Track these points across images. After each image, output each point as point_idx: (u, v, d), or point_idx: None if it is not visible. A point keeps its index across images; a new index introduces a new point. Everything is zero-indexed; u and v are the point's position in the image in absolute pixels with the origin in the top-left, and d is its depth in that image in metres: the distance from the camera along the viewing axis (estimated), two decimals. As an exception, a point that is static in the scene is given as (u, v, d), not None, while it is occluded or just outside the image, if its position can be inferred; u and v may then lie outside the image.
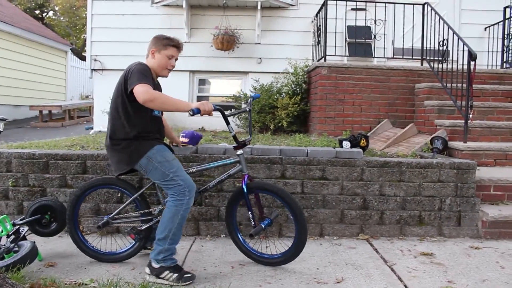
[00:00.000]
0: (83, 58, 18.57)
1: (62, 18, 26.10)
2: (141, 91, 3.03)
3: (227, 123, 3.36)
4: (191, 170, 3.51)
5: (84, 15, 20.81)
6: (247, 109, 3.63)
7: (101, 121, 7.79)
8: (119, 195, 4.24)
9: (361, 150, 4.44)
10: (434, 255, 3.83)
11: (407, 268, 3.51)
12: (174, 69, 3.51)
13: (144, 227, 3.47)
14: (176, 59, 3.45)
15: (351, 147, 4.60)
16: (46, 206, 3.66)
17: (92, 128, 8.21)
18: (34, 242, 3.34)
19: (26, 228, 3.60)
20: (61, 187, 4.28)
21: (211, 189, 3.62)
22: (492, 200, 4.59)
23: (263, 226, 3.41)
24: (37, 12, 24.52)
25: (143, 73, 3.16)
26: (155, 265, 3.16)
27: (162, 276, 3.13)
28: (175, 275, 3.12)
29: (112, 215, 3.54)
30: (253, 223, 3.46)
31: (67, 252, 3.70)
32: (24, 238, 3.49)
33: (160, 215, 3.43)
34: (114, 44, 7.84)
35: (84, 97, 17.18)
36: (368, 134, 5.81)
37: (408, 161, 4.38)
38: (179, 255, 3.65)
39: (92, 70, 7.97)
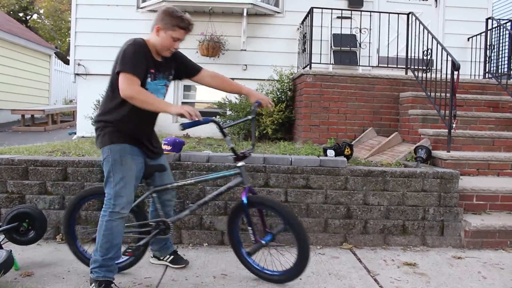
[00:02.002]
0: (67, 62, 18.35)
1: (46, 21, 25.85)
2: (124, 84, 2.82)
3: (224, 135, 3.22)
4: (188, 182, 3.36)
5: (69, 18, 20.64)
6: (250, 117, 3.41)
7: (84, 126, 7.70)
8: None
9: (345, 159, 4.43)
10: (417, 265, 3.82)
11: (390, 278, 3.49)
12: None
13: (142, 242, 3.32)
14: (181, 42, 3.14)
15: (336, 155, 4.59)
16: (24, 213, 3.57)
17: (75, 133, 8.11)
18: (11, 250, 3.25)
19: (2, 236, 3.52)
20: (41, 194, 4.19)
21: (210, 201, 3.42)
22: (475, 209, 4.61)
23: (264, 242, 3.24)
24: (21, 14, 24.27)
25: (134, 58, 2.89)
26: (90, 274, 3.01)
27: (90, 287, 2.98)
28: None
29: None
30: (253, 239, 3.27)
31: (45, 261, 3.61)
32: (0, 246, 3.40)
33: (158, 228, 3.32)
34: (99, 49, 7.76)
35: (68, 101, 16.99)
36: (352, 143, 5.82)
37: (392, 170, 4.38)
38: (160, 265, 3.60)
39: (76, 74, 7.89)
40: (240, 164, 3.26)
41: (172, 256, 3.59)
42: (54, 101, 15.98)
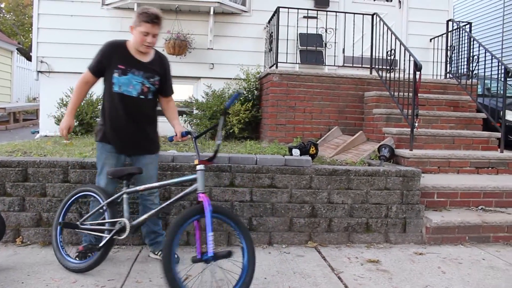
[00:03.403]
0: (30, 59, 17.87)
1: (8, 16, 25.06)
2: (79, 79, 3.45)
3: (196, 146, 3.29)
4: (152, 186, 3.36)
5: (32, 14, 20.12)
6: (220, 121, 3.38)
7: (47, 125, 7.50)
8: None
9: (309, 158, 4.47)
10: (380, 262, 3.90)
11: (354, 276, 3.56)
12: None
13: (101, 244, 3.31)
14: (155, 36, 3.31)
15: (301, 154, 4.63)
16: (-19, 216, 3.46)
17: (38, 132, 7.91)
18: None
19: (-42, 240, 3.40)
20: (0, 195, 4.07)
21: (167, 207, 3.34)
22: (436, 206, 4.74)
23: (207, 257, 2.88)
24: (-19, 9, 23.45)
25: (95, 56, 3.38)
26: None
27: None
28: None
29: (81, 220, 3.52)
30: (197, 251, 2.92)
31: (2, 265, 3.50)
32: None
33: (115, 228, 3.31)
34: (62, 46, 7.59)
35: (31, 99, 16.54)
36: (318, 141, 5.89)
37: (356, 169, 4.45)
38: (124, 266, 3.55)
39: (39, 72, 7.68)
40: (198, 168, 3.15)
41: None
42: (17, 99, 15.54)
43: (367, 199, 4.43)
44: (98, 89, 7.01)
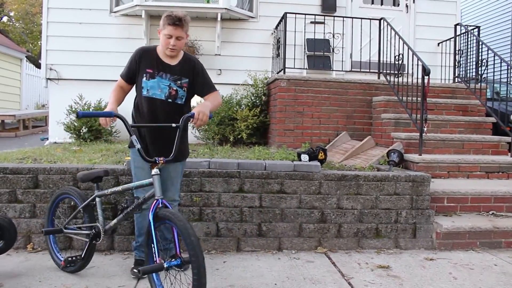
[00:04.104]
0: (39, 66, 18.02)
1: (17, 24, 25.31)
2: None
3: (130, 134, 3.03)
4: (116, 190, 3.37)
5: (41, 21, 20.30)
6: (174, 125, 3.11)
7: (56, 132, 7.54)
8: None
9: (319, 164, 4.46)
10: (391, 267, 3.88)
11: (364, 281, 3.54)
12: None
13: (83, 255, 3.41)
14: (179, 38, 3.25)
15: (310, 160, 4.63)
16: (-7, 223, 3.48)
17: (47, 139, 7.95)
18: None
19: (-30, 247, 3.42)
20: (11, 202, 4.10)
21: (132, 212, 3.22)
22: (446, 211, 4.71)
23: (166, 265, 2.72)
24: (-10, 17, 23.71)
25: (128, 62, 3.41)
26: None
27: None
28: None
29: (64, 224, 3.61)
30: (155, 258, 2.78)
31: (15, 271, 3.52)
32: (-32, 258, 3.32)
33: (91, 233, 3.37)
34: (71, 53, 7.64)
35: (40, 106, 16.67)
36: (326, 147, 5.88)
37: (365, 174, 4.44)
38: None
39: (48, 79, 7.74)
40: (153, 172, 2.96)
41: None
42: (26, 106, 15.66)
43: (377, 205, 4.41)
44: (106, 96, 7.07)
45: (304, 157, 4.63)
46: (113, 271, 3.57)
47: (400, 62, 6.18)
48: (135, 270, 3.44)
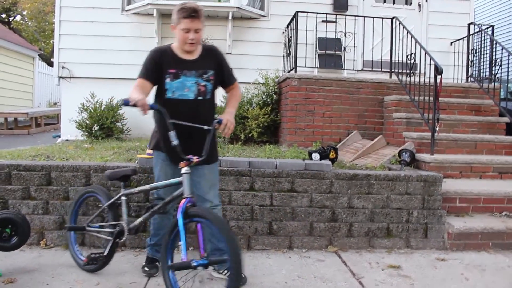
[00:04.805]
0: (52, 64, 18.15)
1: (30, 23, 25.56)
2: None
3: (169, 129, 2.98)
4: (143, 188, 3.37)
5: (53, 20, 20.42)
6: (206, 128, 3.13)
7: (68, 130, 7.59)
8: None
9: (330, 163, 4.45)
10: (402, 267, 3.86)
11: (375, 281, 3.52)
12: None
13: (106, 253, 3.39)
14: (197, 31, 3.08)
15: (321, 159, 4.62)
16: (7, 219, 3.51)
17: (59, 137, 8.01)
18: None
19: (-16, 243, 3.46)
20: (24, 199, 4.15)
21: (158, 211, 3.25)
22: (458, 212, 4.67)
23: (194, 264, 2.72)
24: (3, 16, 23.95)
25: (143, 64, 3.19)
26: None
27: None
28: None
29: (87, 222, 3.61)
30: (182, 256, 2.80)
31: (28, 267, 3.56)
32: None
33: (114, 231, 3.38)
34: (83, 52, 7.69)
35: (52, 104, 16.82)
36: (337, 146, 5.86)
37: (377, 174, 4.42)
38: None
39: (60, 77, 7.79)
40: (183, 171, 2.98)
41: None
42: (38, 104, 15.81)
43: (388, 204, 4.39)
44: (118, 95, 7.07)
45: (315, 156, 4.62)
46: (125, 268, 3.61)
47: (412, 61, 6.14)
48: (146, 268, 3.48)
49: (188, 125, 3.07)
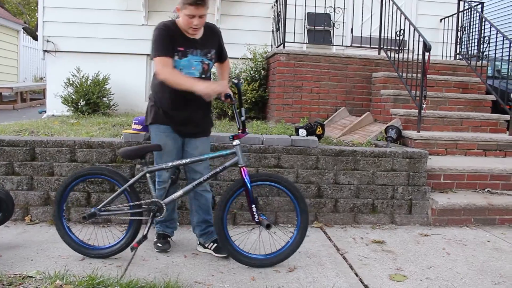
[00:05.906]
0: (37, 38, 17.83)
1: (14, -5, 24.91)
2: (159, 68, 3.13)
3: (236, 114, 3.34)
4: (183, 162, 3.27)
5: (38, -8, 19.91)
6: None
7: (54, 105, 7.51)
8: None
9: (316, 139, 4.46)
10: (385, 242, 3.92)
11: (359, 256, 3.57)
12: (130, 52, 3.34)
13: (145, 232, 3.23)
14: (202, 16, 3.09)
15: (308, 135, 4.62)
16: (-10, 194, 3.49)
17: (45, 112, 7.92)
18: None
19: (-32, 218, 3.44)
20: (8, 174, 4.11)
21: (204, 182, 3.32)
22: (442, 188, 4.73)
23: (266, 221, 3.23)
24: (-14, -13, 23.30)
25: (159, 41, 3.15)
26: None
27: None
28: None
29: (99, 206, 3.29)
30: (256, 218, 3.24)
31: (12, 242, 3.55)
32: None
33: (150, 210, 3.28)
34: (68, 25, 7.54)
35: (38, 78, 16.54)
36: (325, 122, 5.85)
37: (363, 150, 4.44)
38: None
39: (45, 51, 7.66)
40: (235, 143, 3.27)
41: (215, 244, 3.46)
42: (23, 79, 15.55)
43: (373, 180, 4.43)
44: (104, 69, 6.98)
45: (302, 132, 4.63)
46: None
47: (401, 37, 6.11)
48: (159, 244, 3.48)
49: (193, 102, 3.26)
